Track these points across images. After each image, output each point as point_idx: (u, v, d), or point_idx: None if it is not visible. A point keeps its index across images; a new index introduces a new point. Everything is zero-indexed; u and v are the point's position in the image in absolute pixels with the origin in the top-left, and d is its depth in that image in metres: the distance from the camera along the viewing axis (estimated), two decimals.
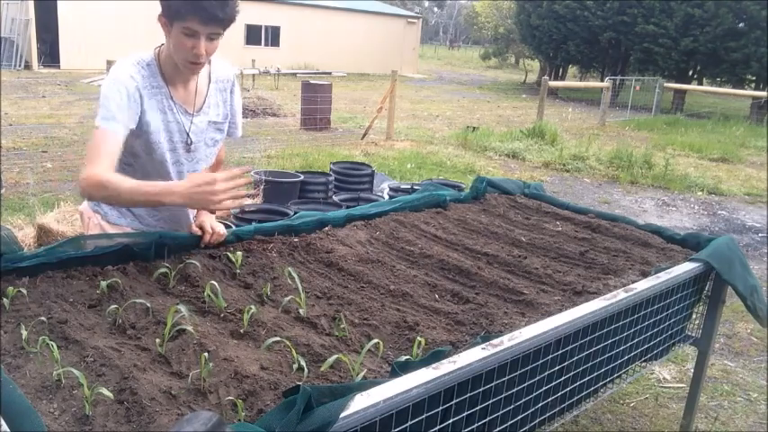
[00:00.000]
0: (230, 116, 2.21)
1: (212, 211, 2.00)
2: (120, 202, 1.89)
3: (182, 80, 2.01)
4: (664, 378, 3.44)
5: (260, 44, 24.18)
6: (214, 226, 2.07)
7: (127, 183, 1.79)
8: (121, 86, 1.87)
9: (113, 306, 1.60)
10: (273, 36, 24.77)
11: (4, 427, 1.06)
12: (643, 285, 2.01)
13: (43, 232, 4.02)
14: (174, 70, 1.97)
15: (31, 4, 18.10)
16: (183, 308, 1.54)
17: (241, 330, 1.61)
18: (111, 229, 2.11)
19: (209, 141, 2.14)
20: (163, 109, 1.99)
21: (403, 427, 1.32)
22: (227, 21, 1.83)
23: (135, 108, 1.89)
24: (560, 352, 1.76)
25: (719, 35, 18.08)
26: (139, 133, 1.96)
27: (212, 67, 2.11)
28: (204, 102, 2.09)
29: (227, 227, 2.24)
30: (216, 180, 1.75)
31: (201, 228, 2.06)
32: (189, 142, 2.07)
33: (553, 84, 16.39)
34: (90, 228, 2.16)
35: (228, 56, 2.56)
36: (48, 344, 1.38)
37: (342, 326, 1.68)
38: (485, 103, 18.86)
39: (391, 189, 5.55)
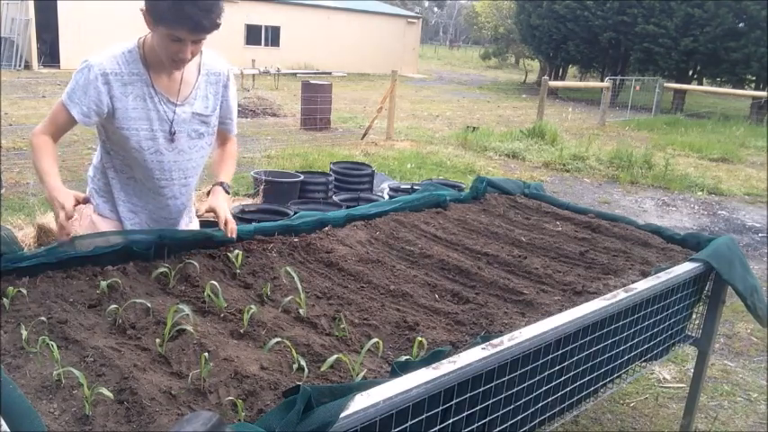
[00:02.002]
0: (225, 111, 2.18)
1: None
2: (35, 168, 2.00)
3: (166, 69, 1.99)
4: (664, 378, 3.43)
5: (260, 44, 24.17)
6: (228, 217, 2.05)
7: (44, 162, 1.92)
8: (86, 73, 1.91)
9: (113, 306, 1.60)
10: (273, 36, 24.76)
11: (4, 427, 1.06)
12: (643, 285, 2.01)
13: (43, 232, 4.01)
14: (158, 59, 1.95)
15: (31, 4, 18.09)
16: (185, 307, 1.54)
17: (241, 330, 1.61)
18: (101, 222, 2.11)
19: (193, 133, 2.10)
20: (142, 96, 1.97)
21: (403, 427, 1.32)
22: (211, 28, 1.83)
23: (95, 96, 1.92)
24: (560, 352, 1.76)
25: (719, 35, 18.08)
26: (112, 120, 1.96)
27: (203, 58, 2.08)
28: (191, 93, 2.06)
29: None
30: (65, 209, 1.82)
31: (215, 212, 2.05)
32: (172, 131, 2.04)
33: (553, 84, 16.38)
34: (82, 218, 2.16)
35: (228, 56, 2.56)
36: (48, 344, 1.38)
37: (342, 326, 1.68)
38: (485, 103, 18.86)
39: (391, 189, 5.55)
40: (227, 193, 2.12)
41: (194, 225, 2.35)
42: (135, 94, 1.96)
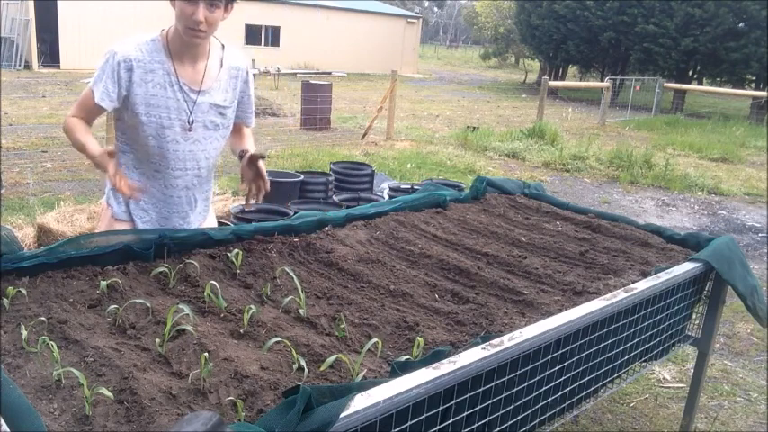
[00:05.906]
0: (245, 105, 2.27)
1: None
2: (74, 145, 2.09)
3: (189, 58, 2.06)
4: (664, 378, 3.43)
5: (260, 44, 24.15)
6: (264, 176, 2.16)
7: (80, 137, 2.01)
8: (110, 59, 1.98)
9: (113, 306, 1.60)
10: (273, 36, 24.75)
11: (4, 427, 1.06)
12: (643, 285, 2.01)
13: (43, 232, 4.02)
14: (182, 47, 2.03)
15: (31, 4, 18.08)
16: (185, 307, 1.54)
17: (241, 330, 1.60)
18: (115, 224, 2.16)
19: (209, 124, 2.15)
20: (162, 84, 2.03)
21: (403, 427, 1.32)
22: None
23: (116, 80, 1.99)
24: (560, 352, 1.76)
25: (719, 35, 18.08)
26: (130, 105, 2.02)
27: (225, 53, 2.16)
28: (212, 84, 2.13)
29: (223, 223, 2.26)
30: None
31: (250, 159, 2.14)
32: (190, 121, 2.10)
33: (553, 84, 16.37)
34: (102, 219, 2.24)
35: None
36: (48, 344, 1.38)
37: (342, 326, 1.68)
38: (485, 103, 18.86)
39: (391, 189, 5.55)
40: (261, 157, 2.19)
41: (211, 222, 2.40)
42: (155, 82, 2.03)
